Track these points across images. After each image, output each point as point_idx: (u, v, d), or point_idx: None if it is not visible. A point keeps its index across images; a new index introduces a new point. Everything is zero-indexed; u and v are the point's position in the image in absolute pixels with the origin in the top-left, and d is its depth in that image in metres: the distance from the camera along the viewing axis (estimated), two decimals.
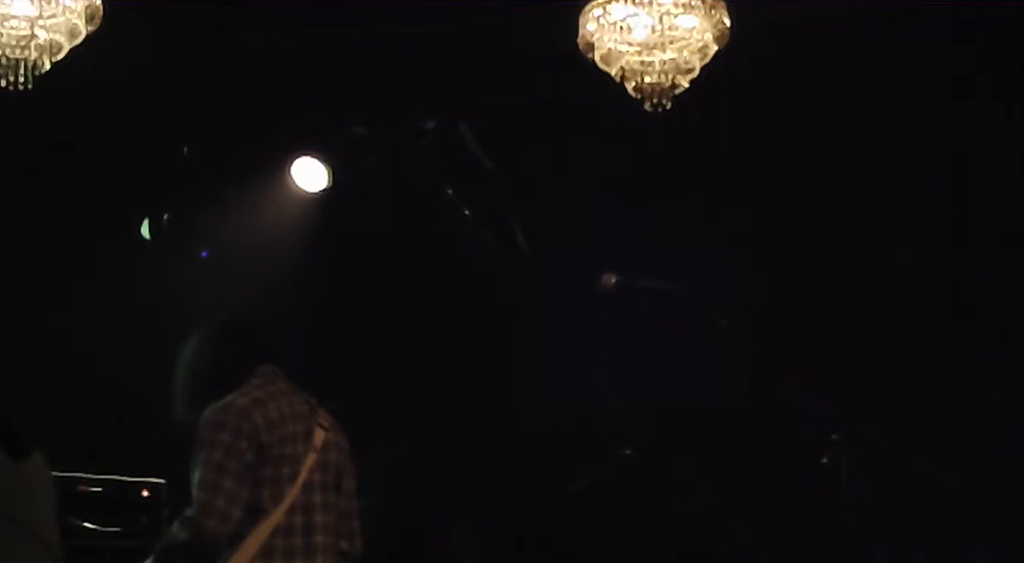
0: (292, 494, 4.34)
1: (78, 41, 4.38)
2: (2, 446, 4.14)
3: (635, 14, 4.42)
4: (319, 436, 4.47)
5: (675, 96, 4.51)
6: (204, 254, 6.41)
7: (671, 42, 4.47)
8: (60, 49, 4.38)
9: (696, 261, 5.96)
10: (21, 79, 4.34)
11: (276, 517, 4.31)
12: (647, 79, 4.50)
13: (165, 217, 6.24)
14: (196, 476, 4.30)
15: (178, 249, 6.27)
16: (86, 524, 4.98)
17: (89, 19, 4.37)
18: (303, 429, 4.44)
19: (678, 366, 6.14)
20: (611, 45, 4.50)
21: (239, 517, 4.26)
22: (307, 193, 6.27)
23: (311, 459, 4.41)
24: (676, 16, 4.42)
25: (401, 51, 6.16)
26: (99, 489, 5.14)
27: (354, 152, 6.07)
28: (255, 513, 4.30)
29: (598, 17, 4.47)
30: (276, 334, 4.77)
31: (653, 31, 4.43)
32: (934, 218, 6.17)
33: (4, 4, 4.28)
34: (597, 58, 4.54)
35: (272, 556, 4.30)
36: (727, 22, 4.47)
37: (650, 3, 4.39)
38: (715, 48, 4.51)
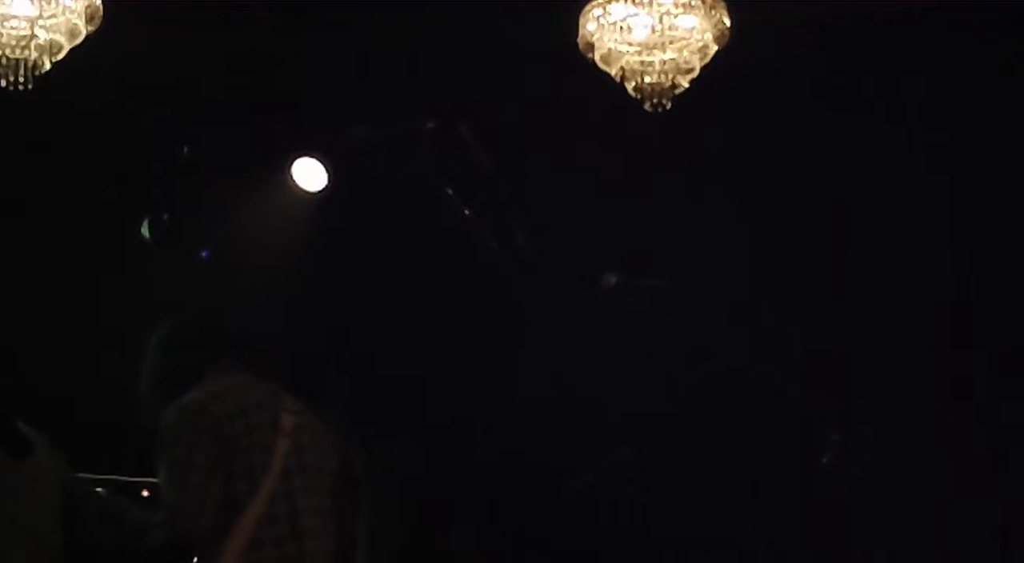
0: (269, 483, 4.28)
1: (78, 41, 4.37)
2: (2, 446, 4.15)
3: (635, 14, 4.41)
4: (287, 421, 4.38)
5: (675, 96, 4.50)
6: (204, 254, 6.41)
7: (671, 42, 4.46)
8: (60, 49, 4.37)
9: (696, 261, 5.97)
10: (21, 79, 4.33)
11: (257, 509, 4.23)
12: (647, 79, 4.49)
13: (165, 217, 6.25)
14: (162, 478, 4.26)
15: (178, 249, 6.27)
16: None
17: (89, 19, 4.36)
18: (267, 416, 4.36)
19: (677, 366, 6.15)
20: (611, 45, 4.49)
21: (212, 511, 4.19)
22: (307, 193, 6.28)
23: (283, 445, 4.32)
24: (676, 16, 4.41)
25: (401, 51, 6.16)
26: (99, 489, 5.13)
27: (354, 152, 6.09)
28: (234, 508, 4.23)
29: (598, 17, 4.46)
30: (245, 325, 4.74)
31: (653, 31, 4.42)
32: (933, 217, 6.17)
33: (4, 4, 4.27)
34: (597, 58, 4.54)
35: (261, 547, 4.22)
36: (727, 22, 4.47)
37: (650, 3, 4.39)
38: (715, 48, 4.50)
